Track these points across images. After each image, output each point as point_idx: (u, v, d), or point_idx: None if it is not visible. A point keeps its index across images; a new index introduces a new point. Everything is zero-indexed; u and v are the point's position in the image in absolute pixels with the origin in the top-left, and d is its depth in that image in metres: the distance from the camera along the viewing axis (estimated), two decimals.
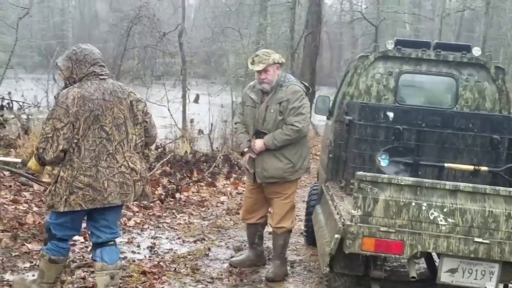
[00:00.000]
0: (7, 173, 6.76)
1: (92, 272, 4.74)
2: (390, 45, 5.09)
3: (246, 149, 4.83)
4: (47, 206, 3.79)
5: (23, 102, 11.85)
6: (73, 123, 3.55)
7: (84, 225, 3.99)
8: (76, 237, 5.52)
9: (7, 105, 10.02)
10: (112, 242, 3.88)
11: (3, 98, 11.10)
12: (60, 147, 3.56)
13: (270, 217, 5.04)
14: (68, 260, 4.11)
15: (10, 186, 6.58)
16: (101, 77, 3.70)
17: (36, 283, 3.98)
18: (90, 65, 3.68)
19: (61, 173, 3.63)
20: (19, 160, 4.60)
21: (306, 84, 4.95)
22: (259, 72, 4.68)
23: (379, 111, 4.60)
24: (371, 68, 5.09)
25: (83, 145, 3.59)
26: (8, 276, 4.40)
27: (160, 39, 13.57)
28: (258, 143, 4.72)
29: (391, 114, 4.55)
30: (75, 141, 3.58)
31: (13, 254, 4.84)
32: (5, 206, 5.75)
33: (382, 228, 3.48)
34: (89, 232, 3.97)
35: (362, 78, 5.11)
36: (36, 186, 6.53)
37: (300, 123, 4.64)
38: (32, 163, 3.78)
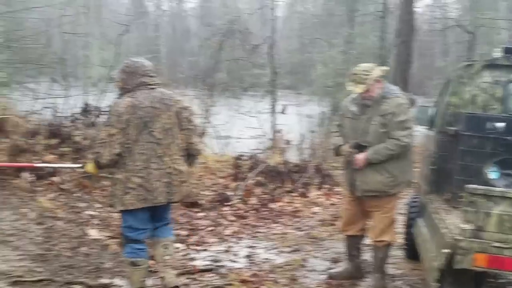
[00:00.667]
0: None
1: (195, 278, 4.90)
2: (497, 53, 4.86)
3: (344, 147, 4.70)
4: (108, 205, 4.23)
5: None
6: (125, 129, 3.90)
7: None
8: (177, 245, 5.73)
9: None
10: (166, 224, 4.32)
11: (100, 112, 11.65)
12: (114, 151, 3.90)
13: (370, 230, 4.95)
14: (148, 264, 4.33)
15: None
16: (150, 86, 4.04)
17: None
18: (141, 76, 4.03)
19: (117, 175, 4.00)
20: (80, 165, 4.93)
21: (409, 96, 4.82)
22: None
23: (487, 121, 4.41)
24: (476, 77, 4.88)
25: (135, 149, 3.92)
26: (117, 281, 4.63)
27: (251, 51, 13.78)
28: (360, 158, 4.59)
29: (501, 125, 4.34)
30: (128, 145, 3.92)
31: (121, 259, 5.07)
32: (112, 214, 6.05)
33: (495, 244, 3.33)
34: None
35: (466, 88, 4.91)
36: None
37: (407, 137, 4.51)
38: (89, 166, 4.17)
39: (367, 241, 5.12)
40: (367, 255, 5.21)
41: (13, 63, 17.71)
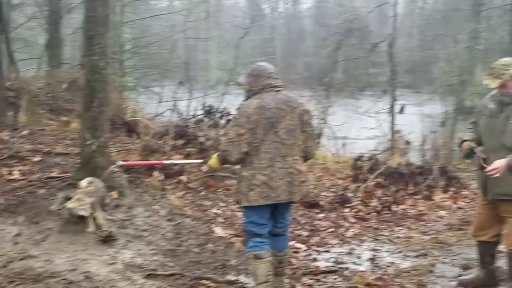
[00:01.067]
0: (234, 181, 7.32)
1: (318, 279, 4.91)
2: None
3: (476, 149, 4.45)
4: (234, 201, 4.44)
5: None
6: (253, 128, 4.04)
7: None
8: (299, 245, 5.78)
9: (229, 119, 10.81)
10: (283, 233, 4.42)
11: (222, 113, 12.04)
12: (243, 150, 4.06)
13: (504, 237, 4.63)
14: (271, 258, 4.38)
15: None
16: (276, 88, 4.18)
17: (255, 286, 4.30)
18: (266, 78, 4.19)
19: (243, 173, 4.15)
20: (200, 161, 5.10)
21: None
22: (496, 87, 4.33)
23: None
24: None
25: (261, 148, 4.07)
26: (242, 279, 4.75)
27: (371, 50, 13.54)
28: (501, 165, 4.21)
29: None
30: (255, 144, 4.06)
31: (245, 257, 5.19)
32: (236, 212, 6.23)
33: None
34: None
35: None
36: None
37: None
38: (213, 162, 4.35)
39: (501, 247, 4.80)
40: (501, 262, 4.90)
41: (140, 68, 18.87)
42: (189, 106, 14.38)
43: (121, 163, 5.35)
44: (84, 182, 5.37)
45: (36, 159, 6.87)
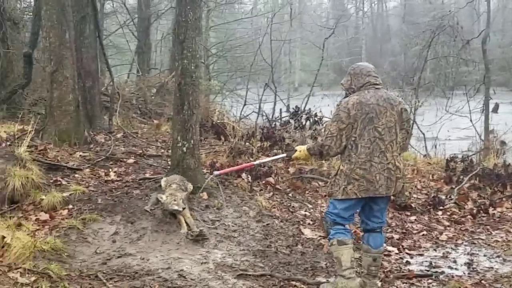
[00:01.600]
0: (321, 183, 7.28)
1: (412, 283, 4.77)
2: None
3: None
4: (328, 194, 4.45)
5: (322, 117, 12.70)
6: (352, 124, 4.15)
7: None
8: (390, 248, 5.65)
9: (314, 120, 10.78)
10: (379, 230, 4.44)
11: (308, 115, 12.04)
12: (343, 144, 4.19)
13: None
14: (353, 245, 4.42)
15: (325, 195, 7.06)
16: (376, 86, 4.27)
17: (338, 274, 4.38)
18: (366, 76, 4.29)
19: (341, 167, 4.25)
20: (284, 155, 5.21)
21: None
22: None
23: None
24: None
25: (359, 143, 4.15)
26: (332, 281, 4.70)
27: (462, 47, 13.03)
28: None
29: None
30: (353, 139, 4.17)
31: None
32: (323, 214, 6.18)
33: None
34: (360, 220, 4.55)
35: None
36: None
37: None
38: (299, 154, 4.58)
39: None
40: None
41: (225, 71, 19.22)
42: (273, 108, 14.52)
43: (216, 173, 5.48)
44: (167, 180, 5.58)
45: (130, 161, 7.16)
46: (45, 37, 7.25)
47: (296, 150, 4.67)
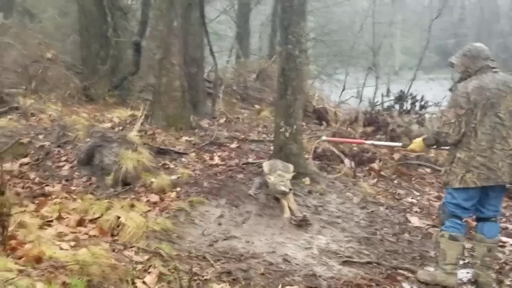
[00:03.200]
0: (428, 170, 7.02)
1: None
2: None
3: None
4: (443, 183, 4.35)
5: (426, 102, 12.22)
6: (472, 109, 3.99)
7: None
8: (505, 239, 5.35)
9: (421, 105, 10.39)
10: (494, 219, 4.25)
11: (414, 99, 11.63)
12: (462, 131, 4.03)
13: None
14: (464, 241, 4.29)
15: (433, 182, 6.80)
16: (493, 70, 4.08)
17: (439, 266, 4.25)
18: (483, 60, 4.08)
19: (458, 155, 4.09)
20: (399, 144, 5.08)
21: None
22: None
23: None
24: None
25: (479, 129, 4.00)
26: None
27: None
28: None
29: None
30: (473, 125, 4.01)
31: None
32: (432, 202, 5.96)
33: None
34: (475, 208, 4.28)
35: None
36: None
37: None
38: (416, 145, 4.41)
39: None
40: None
41: (323, 56, 19.00)
42: (375, 93, 14.21)
43: (324, 138, 5.49)
44: (271, 165, 5.59)
45: (233, 145, 7.28)
46: (154, 26, 7.50)
47: (412, 142, 4.53)
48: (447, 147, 4.36)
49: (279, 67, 6.06)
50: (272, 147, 6.56)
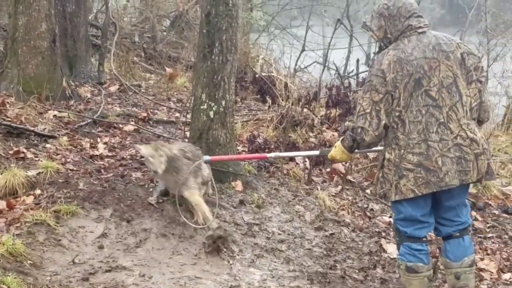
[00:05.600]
0: None
1: None
2: None
3: None
4: (379, 196, 4.63)
5: None
6: (391, 92, 4.20)
7: None
8: (486, 261, 5.64)
9: None
10: (458, 234, 4.44)
11: None
12: (382, 123, 4.23)
13: None
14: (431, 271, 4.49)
15: None
16: (419, 30, 4.30)
17: None
18: (405, 18, 4.31)
19: (386, 155, 4.31)
20: (316, 152, 5.20)
21: None
22: None
23: None
24: None
25: (406, 118, 4.20)
26: None
27: None
28: None
29: None
30: (397, 113, 4.22)
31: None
32: None
33: None
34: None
35: None
36: None
37: None
38: (336, 152, 4.57)
39: None
40: None
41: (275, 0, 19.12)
42: (347, 58, 14.41)
43: (207, 158, 5.36)
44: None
45: (129, 127, 7.22)
46: None
47: (333, 146, 4.67)
48: (376, 148, 4.58)
49: (201, 12, 6.05)
50: (188, 133, 6.54)
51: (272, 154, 5.54)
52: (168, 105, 8.59)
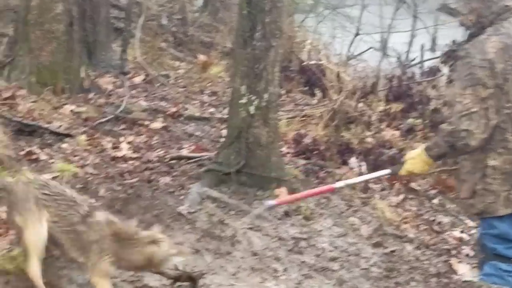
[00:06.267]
0: None
1: None
2: None
3: None
4: (475, 214, 4.46)
5: None
6: (501, 86, 4.10)
7: None
8: None
9: None
10: None
11: None
12: (492, 123, 4.11)
13: None
14: None
15: None
16: None
17: None
18: None
19: (490, 162, 4.19)
20: (387, 171, 4.93)
21: None
22: None
23: None
24: None
25: None
26: None
27: None
28: None
29: None
30: (506, 111, 4.14)
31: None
32: None
33: None
34: None
35: None
36: None
37: None
38: (414, 163, 4.41)
39: None
40: None
41: None
42: (410, 43, 14.27)
43: (271, 203, 5.14)
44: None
45: (156, 125, 7.24)
46: None
47: (404, 162, 4.54)
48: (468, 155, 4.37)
49: None
50: (224, 131, 6.53)
51: (340, 184, 5.32)
52: (201, 98, 8.59)
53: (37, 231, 4.35)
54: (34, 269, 4.30)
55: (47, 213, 4.39)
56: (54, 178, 5.68)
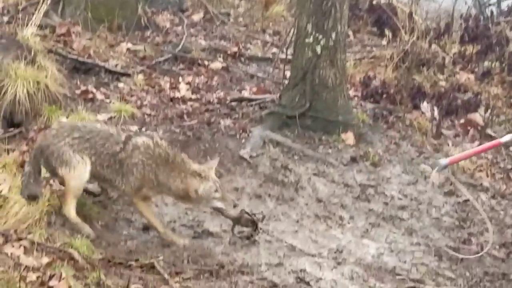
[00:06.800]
0: None
1: None
2: None
3: None
4: None
5: None
6: None
7: None
8: None
9: None
10: None
11: None
12: None
13: None
14: None
15: None
16: None
17: None
18: None
19: None
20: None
21: None
22: None
23: None
24: None
25: None
26: None
27: None
28: None
29: None
30: None
31: None
32: None
33: None
34: None
35: None
36: None
37: None
38: None
39: None
40: None
41: None
42: None
43: (444, 161, 5.02)
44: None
45: (216, 65, 7.26)
46: None
47: None
48: None
49: None
50: (288, 72, 6.53)
51: (507, 137, 5.00)
52: (263, 38, 8.57)
53: (78, 176, 4.56)
54: (69, 208, 4.56)
55: (85, 155, 4.54)
56: (110, 118, 5.77)
